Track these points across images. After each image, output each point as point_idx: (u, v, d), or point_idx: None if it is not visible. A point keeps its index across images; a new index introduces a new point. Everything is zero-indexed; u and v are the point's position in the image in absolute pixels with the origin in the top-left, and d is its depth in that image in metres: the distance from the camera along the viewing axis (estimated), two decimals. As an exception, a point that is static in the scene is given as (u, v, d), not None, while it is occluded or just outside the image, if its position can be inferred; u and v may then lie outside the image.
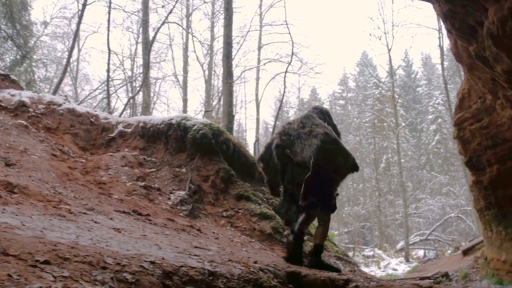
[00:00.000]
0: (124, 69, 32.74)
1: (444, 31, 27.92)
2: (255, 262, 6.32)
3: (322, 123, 7.16)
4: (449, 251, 31.12)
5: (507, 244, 13.96)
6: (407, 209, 42.23)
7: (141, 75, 23.84)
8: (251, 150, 24.60)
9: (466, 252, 21.33)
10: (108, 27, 21.28)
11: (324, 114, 7.68)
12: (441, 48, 33.78)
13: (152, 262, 4.60)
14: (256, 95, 40.37)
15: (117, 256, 4.39)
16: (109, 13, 22.16)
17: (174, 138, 12.58)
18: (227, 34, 16.92)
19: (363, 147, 66.36)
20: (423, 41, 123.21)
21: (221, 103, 20.48)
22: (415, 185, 60.54)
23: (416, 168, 65.52)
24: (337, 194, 7.41)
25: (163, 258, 4.89)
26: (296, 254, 7.26)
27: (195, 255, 5.88)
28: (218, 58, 35.58)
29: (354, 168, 7.00)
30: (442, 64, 34.87)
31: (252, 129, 52.48)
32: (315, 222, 7.65)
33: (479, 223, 17.72)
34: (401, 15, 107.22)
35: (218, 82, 37.30)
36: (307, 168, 6.55)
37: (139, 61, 29.80)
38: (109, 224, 7.04)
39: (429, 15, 54.77)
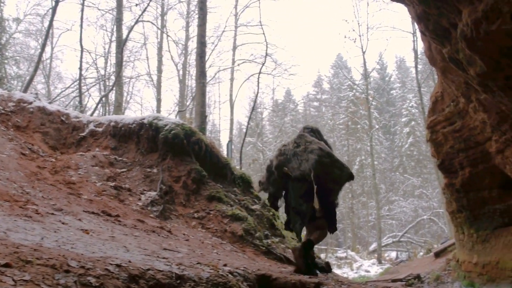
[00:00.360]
0: (97, 67, 32.60)
1: (418, 34, 28.11)
2: (225, 265, 6.25)
3: (315, 140, 7.89)
4: (421, 253, 31.35)
5: (478, 247, 14.03)
6: (380, 211, 42.45)
7: (114, 73, 23.71)
8: (224, 150, 24.59)
9: (438, 254, 21.47)
10: (81, 24, 21.16)
11: (314, 132, 8.38)
12: (415, 51, 34.01)
13: (118, 265, 4.50)
14: (231, 95, 40.32)
15: (81, 259, 4.29)
16: (82, 10, 22.06)
17: (145, 138, 12.45)
18: (201, 34, 16.85)
19: (337, 149, 66.53)
20: (397, 44, 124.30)
21: (195, 103, 20.40)
22: (388, 187, 60.89)
23: (389, 170, 65.94)
24: (337, 204, 8.14)
25: (129, 261, 4.79)
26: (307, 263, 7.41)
27: (164, 258, 5.79)
28: (193, 58, 35.45)
29: (350, 177, 7.81)
30: (416, 67, 35.10)
31: (226, 130, 52.40)
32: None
33: (451, 226, 17.84)
34: (376, 18, 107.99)
35: (192, 82, 37.15)
36: (306, 182, 7.20)
37: (113, 59, 29.63)
38: (77, 225, 6.92)
39: (404, 18, 55.24)
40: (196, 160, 12.22)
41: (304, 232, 8.16)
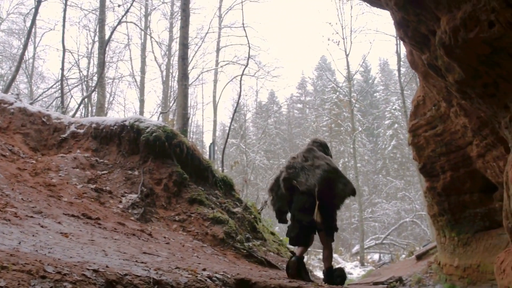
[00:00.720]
0: (80, 68, 32.39)
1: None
2: (204, 269, 6.22)
3: (323, 154, 8.27)
4: (403, 256, 31.51)
5: (459, 250, 14.11)
6: (363, 213, 42.58)
7: (97, 74, 23.58)
8: (207, 151, 24.51)
9: (420, 257, 21.61)
10: (64, 25, 20.98)
11: (323, 147, 8.70)
12: (398, 54, 34.16)
13: (95, 271, 4.47)
14: (214, 97, 40.23)
15: (58, 264, 4.25)
16: (64, 10, 21.89)
17: (127, 140, 12.39)
18: (183, 36, 16.80)
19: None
20: (381, 47, 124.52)
21: (177, 105, 20.36)
22: (371, 190, 61.12)
23: (372, 172, 66.15)
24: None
25: (107, 266, 4.76)
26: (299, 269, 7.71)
27: (142, 262, 5.76)
28: (176, 59, 35.40)
29: (353, 192, 8.01)
30: (399, 70, 35.27)
31: (210, 131, 52.38)
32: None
33: (433, 228, 17.94)
34: (359, 21, 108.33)
35: (175, 84, 37.02)
36: (311, 196, 7.62)
37: (95, 60, 29.48)
38: (56, 228, 6.87)
39: (387, 21, 55.37)
40: (177, 162, 12.17)
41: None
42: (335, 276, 7.92)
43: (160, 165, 11.99)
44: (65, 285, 3.90)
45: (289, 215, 8.45)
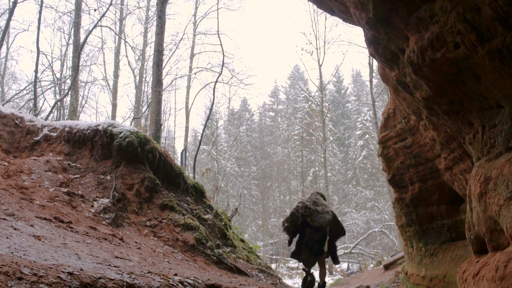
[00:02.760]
0: (53, 70, 32.09)
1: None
2: (175, 275, 6.33)
3: (327, 204, 11.74)
4: (371, 265, 31.73)
5: (426, 260, 14.34)
6: (332, 222, 42.63)
7: (70, 77, 23.45)
8: (178, 158, 24.48)
9: (387, 267, 21.82)
10: (38, 26, 20.88)
11: (323, 197, 12.10)
12: (371, 66, 34.37)
13: (70, 273, 4.56)
14: (186, 103, 40.14)
15: (34, 266, 4.35)
16: (40, 11, 21.80)
17: (100, 145, 12.42)
18: (158, 42, 16.83)
19: (291, 159, 66.95)
20: (354, 58, 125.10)
21: (150, 111, 20.33)
22: (341, 199, 61.38)
23: (342, 182, 66.48)
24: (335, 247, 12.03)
25: (81, 269, 4.86)
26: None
27: (115, 266, 5.85)
28: (150, 64, 35.27)
29: (345, 233, 12.31)
30: (371, 82, 35.53)
31: (181, 137, 52.28)
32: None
33: (401, 239, 18.16)
34: (333, 32, 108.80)
35: (148, 89, 36.86)
36: (321, 231, 10.81)
37: (69, 63, 29.38)
38: (29, 231, 6.92)
39: (360, 33, 55.72)
40: (149, 168, 12.24)
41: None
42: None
43: (132, 170, 12.04)
44: (41, 287, 4.00)
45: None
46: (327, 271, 15.58)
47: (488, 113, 4.86)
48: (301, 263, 11.97)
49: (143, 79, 37.51)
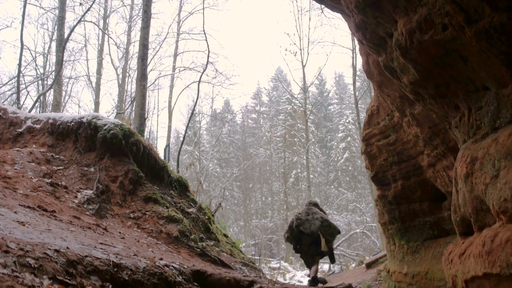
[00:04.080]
0: (37, 65, 31.91)
1: (357, 50, 28.61)
2: (161, 259, 6.35)
3: (318, 211, 13.47)
4: (353, 265, 31.81)
5: (408, 258, 14.41)
6: (314, 224, 42.68)
7: (54, 72, 23.35)
8: (162, 156, 24.43)
9: (369, 265, 21.91)
10: (23, 20, 20.80)
11: (316, 206, 13.97)
12: (354, 67, 34.56)
13: (56, 251, 4.56)
14: (169, 102, 40.09)
15: (20, 242, 4.35)
16: (24, 6, 21.73)
17: (84, 137, 12.35)
18: (143, 37, 16.82)
19: (273, 161, 67.01)
20: (337, 59, 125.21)
21: (133, 107, 20.27)
22: (323, 201, 61.50)
23: (324, 184, 66.64)
24: (332, 247, 13.71)
25: (68, 248, 4.85)
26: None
27: (101, 248, 5.85)
28: (134, 62, 35.22)
29: (339, 232, 13.66)
30: (354, 83, 35.64)
31: (164, 137, 52.05)
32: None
33: (383, 239, 18.23)
34: (317, 32, 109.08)
35: (131, 87, 36.75)
36: (313, 236, 12.57)
37: (53, 58, 29.17)
38: (13, 217, 6.89)
39: (344, 34, 55.91)
40: (133, 161, 12.20)
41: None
42: (317, 281, 12.71)
43: (116, 162, 12.00)
44: (27, 260, 4.00)
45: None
46: (308, 271, 16.50)
47: (474, 95, 4.91)
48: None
49: (127, 77, 37.40)
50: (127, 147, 12.23)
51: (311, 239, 12.65)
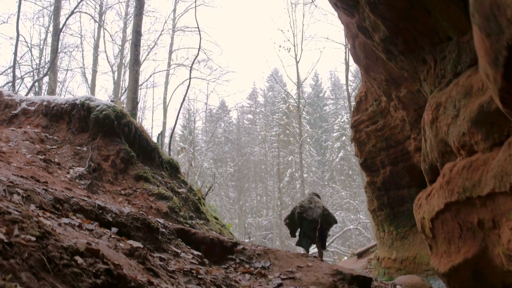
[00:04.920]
0: (32, 55, 32.06)
1: (350, 46, 28.88)
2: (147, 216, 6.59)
3: (320, 201, 14.76)
4: (345, 258, 32.12)
5: (397, 243, 14.70)
6: (308, 221, 42.84)
7: (49, 61, 23.55)
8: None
9: (360, 255, 22.24)
10: (19, 10, 21.04)
11: (318, 196, 15.24)
12: (347, 62, 34.92)
13: (45, 189, 4.84)
14: (164, 99, 40.36)
15: (10, 177, 4.61)
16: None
17: (77, 118, 12.59)
18: (136, 23, 17.09)
19: (268, 160, 67.21)
20: (331, 56, 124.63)
21: (127, 89, 20.48)
22: (318, 200, 61.54)
23: (318, 183, 66.82)
24: (328, 234, 15.99)
25: (55, 190, 5.11)
26: None
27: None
28: (129, 60, 35.45)
29: (336, 221, 14.76)
30: (346, 78, 36.07)
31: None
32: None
33: (373, 225, 18.49)
34: (310, 29, 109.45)
35: (126, 85, 37.00)
36: (315, 223, 13.82)
37: (48, 52, 29.42)
38: (6, 182, 7.13)
39: (337, 30, 56.13)
40: (125, 141, 12.42)
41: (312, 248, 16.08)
42: None
43: (108, 142, 12.23)
44: (17, 190, 4.27)
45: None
46: None
47: (439, 47, 5.19)
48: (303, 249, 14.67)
49: (122, 75, 37.60)
50: (119, 127, 12.46)
51: (312, 225, 13.98)
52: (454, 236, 4.99)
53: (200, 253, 6.01)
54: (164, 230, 6.06)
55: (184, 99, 22.15)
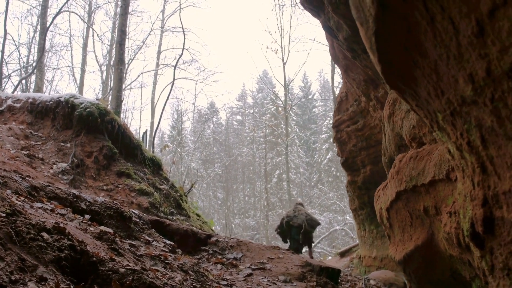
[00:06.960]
0: (20, 54, 32.12)
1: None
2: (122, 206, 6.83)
3: (303, 209, 16.92)
4: (329, 257, 32.29)
5: (378, 242, 14.94)
6: (295, 222, 43.03)
7: (36, 60, 23.67)
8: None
9: (343, 254, 22.46)
10: (7, 7, 21.14)
11: (302, 204, 17.44)
12: (333, 64, 35.15)
13: (22, 177, 5.07)
14: (152, 98, 40.47)
15: (-11, 165, 4.84)
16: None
17: (61, 115, 12.80)
18: (122, 23, 17.31)
19: (257, 161, 67.37)
20: (318, 58, 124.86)
21: (112, 87, 20.62)
22: (305, 200, 61.85)
23: (308, 186, 67.00)
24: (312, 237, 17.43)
25: (32, 178, 5.35)
26: None
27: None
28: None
29: (319, 224, 17.31)
30: (332, 78, 36.36)
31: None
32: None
33: (355, 224, 18.76)
34: (297, 31, 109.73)
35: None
36: (300, 228, 15.69)
37: (36, 51, 29.51)
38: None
39: (324, 31, 56.26)
40: (108, 138, 12.66)
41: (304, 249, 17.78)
42: None
43: (92, 139, 12.46)
44: (-6, 176, 4.51)
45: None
46: None
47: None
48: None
49: (110, 74, 37.68)
50: (102, 125, 12.68)
51: (299, 230, 15.92)
52: (406, 224, 5.27)
53: (172, 243, 6.27)
54: (138, 220, 6.30)
55: (168, 98, 22.32)
